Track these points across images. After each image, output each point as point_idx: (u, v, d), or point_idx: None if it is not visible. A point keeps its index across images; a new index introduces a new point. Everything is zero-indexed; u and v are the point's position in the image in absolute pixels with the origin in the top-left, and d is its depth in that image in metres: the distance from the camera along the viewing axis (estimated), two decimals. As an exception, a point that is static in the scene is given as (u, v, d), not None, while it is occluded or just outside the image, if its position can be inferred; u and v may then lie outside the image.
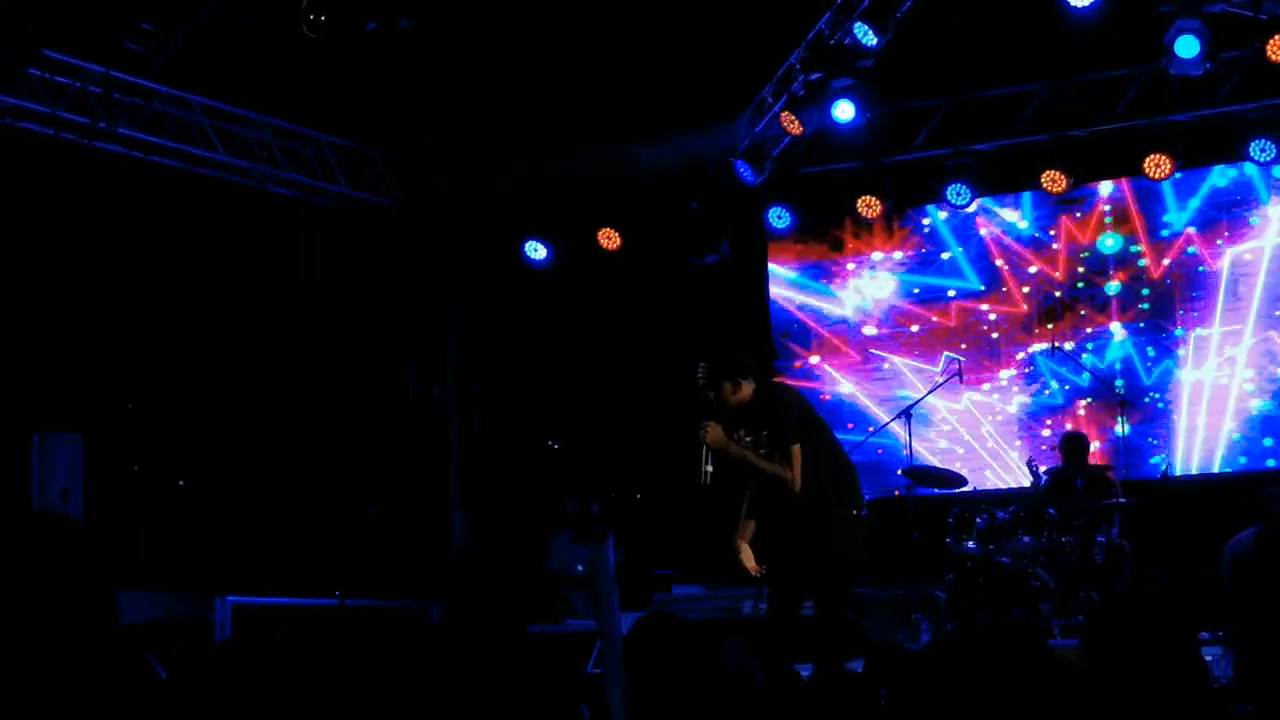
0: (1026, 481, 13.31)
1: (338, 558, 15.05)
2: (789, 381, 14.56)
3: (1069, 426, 14.81)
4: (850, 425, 15.87)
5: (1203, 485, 14.69)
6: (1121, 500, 12.82)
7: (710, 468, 8.66)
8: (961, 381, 15.28)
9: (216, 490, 16.16)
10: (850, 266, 16.50)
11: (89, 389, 14.58)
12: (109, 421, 14.65)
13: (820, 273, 16.59)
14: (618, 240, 15.85)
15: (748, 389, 8.82)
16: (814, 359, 16.56)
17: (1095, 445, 14.46)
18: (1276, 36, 13.05)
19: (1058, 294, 15.68)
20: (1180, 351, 15.16)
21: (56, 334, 14.28)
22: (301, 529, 15.76)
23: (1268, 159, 14.09)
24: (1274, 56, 13.13)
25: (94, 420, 13.97)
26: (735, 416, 8.76)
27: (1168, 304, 15.30)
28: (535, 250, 16.07)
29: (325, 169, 15.50)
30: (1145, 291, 15.37)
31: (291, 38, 12.53)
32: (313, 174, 15.37)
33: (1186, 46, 12.99)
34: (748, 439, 8.78)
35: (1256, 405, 14.84)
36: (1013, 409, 15.75)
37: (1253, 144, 14.03)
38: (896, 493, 14.39)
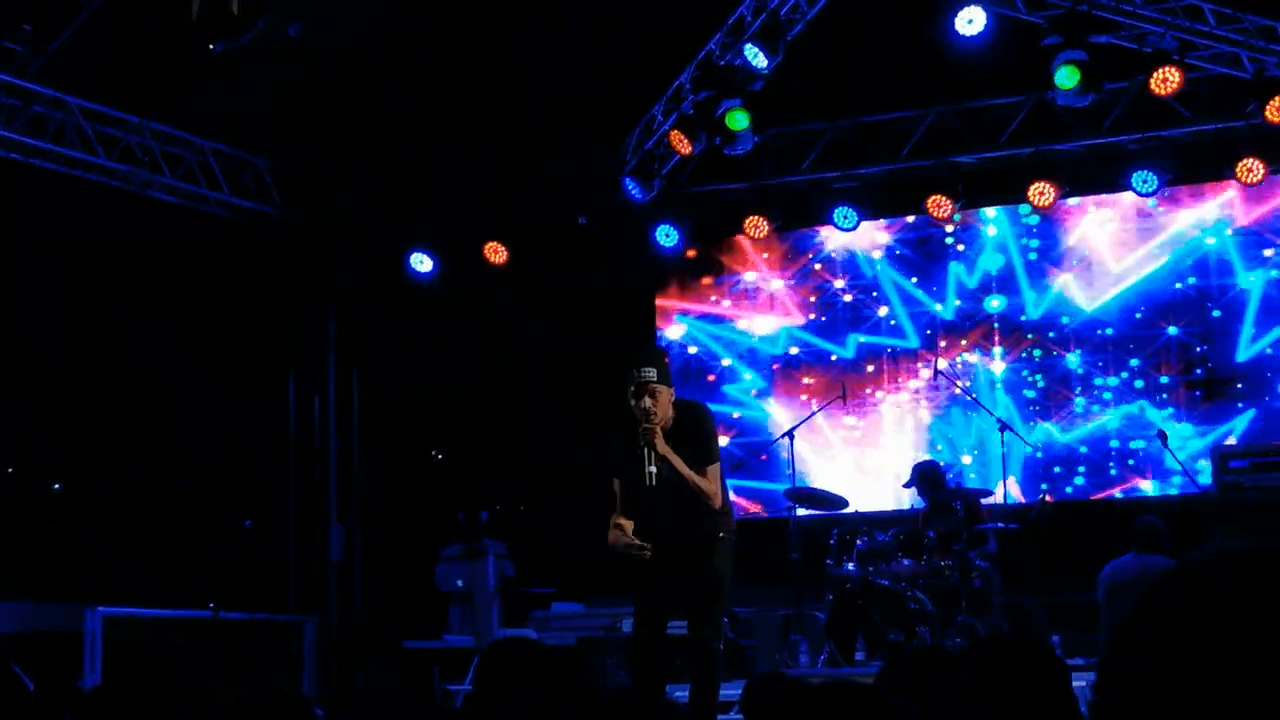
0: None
1: (213, 570, 14.87)
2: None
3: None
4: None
5: (1076, 509, 14.86)
6: (999, 525, 12.90)
7: (654, 469, 8.46)
8: (845, 403, 15.35)
9: (90, 500, 15.93)
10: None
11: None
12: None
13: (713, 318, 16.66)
14: (505, 254, 15.76)
15: (670, 399, 8.67)
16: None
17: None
18: (1159, 69, 13.24)
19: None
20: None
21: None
22: (177, 541, 15.56)
23: (1149, 190, 14.28)
24: (1156, 89, 13.32)
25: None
26: (662, 428, 8.49)
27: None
28: (420, 262, 15.93)
29: (208, 175, 15.30)
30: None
31: (176, 42, 12.34)
32: (195, 180, 15.16)
33: (1066, 76, 13.12)
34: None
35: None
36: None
37: (1135, 174, 14.21)
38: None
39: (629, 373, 8.48)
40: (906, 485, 13.58)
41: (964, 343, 15.67)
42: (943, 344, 15.66)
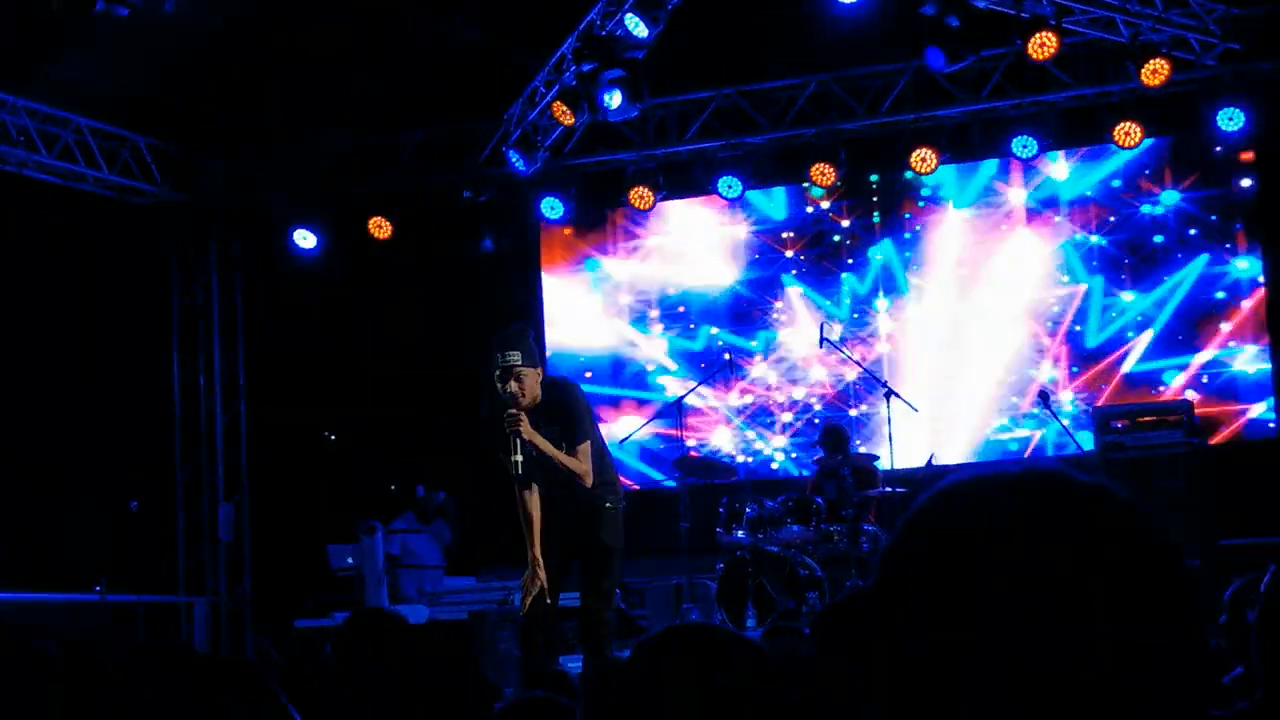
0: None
1: (99, 552, 14.70)
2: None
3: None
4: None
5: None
6: (886, 489, 13.01)
7: (520, 457, 8.45)
8: (733, 373, 15.43)
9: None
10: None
11: None
12: None
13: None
14: (389, 229, 15.66)
15: (538, 380, 8.64)
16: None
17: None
18: (1037, 34, 13.34)
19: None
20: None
21: None
22: (62, 522, 15.36)
23: (1029, 154, 14.43)
24: (1034, 54, 13.42)
25: None
26: (528, 409, 8.49)
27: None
28: (304, 239, 15.80)
29: (87, 155, 15.09)
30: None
31: (53, 19, 12.15)
32: (73, 159, 14.95)
33: (935, 59, 13.27)
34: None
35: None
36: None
37: (1014, 140, 14.34)
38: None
39: (493, 356, 8.45)
40: (813, 444, 13.66)
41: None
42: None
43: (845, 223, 15.98)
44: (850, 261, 15.91)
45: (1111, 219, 15.14)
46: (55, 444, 15.14)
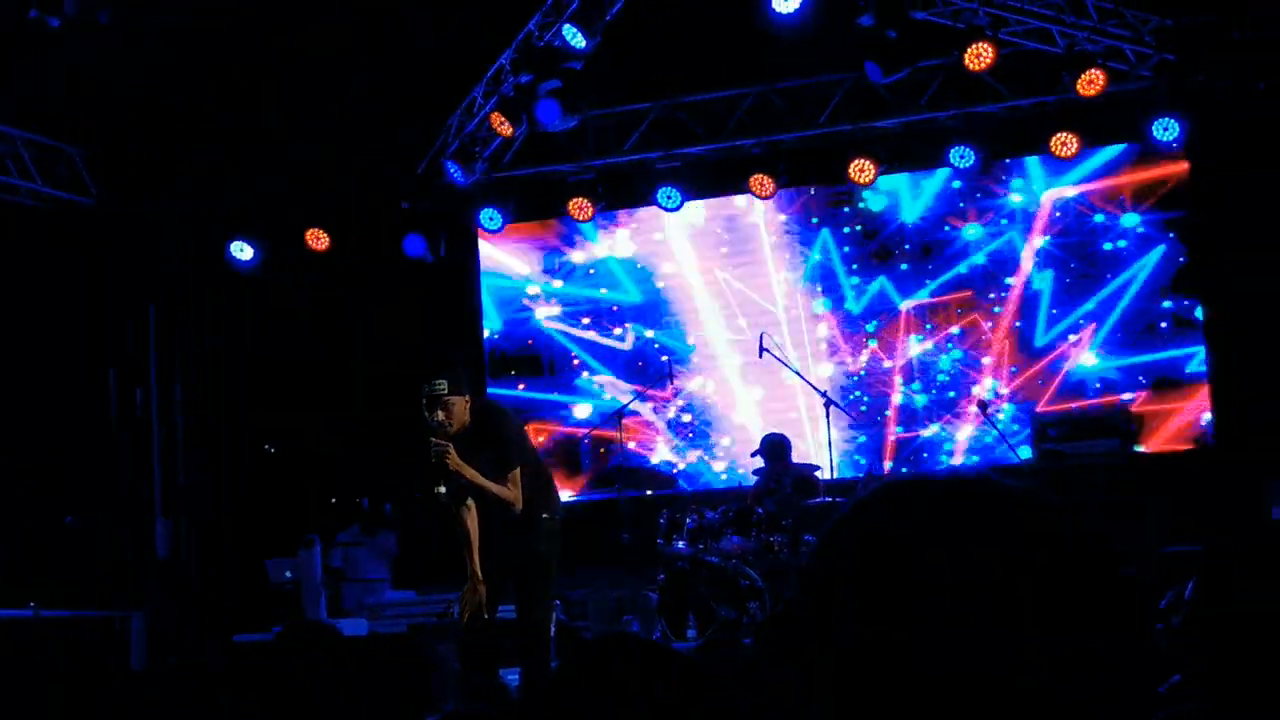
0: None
1: (33, 568, 14.56)
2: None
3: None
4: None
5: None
6: (826, 499, 13.03)
7: (444, 488, 8.50)
8: (672, 383, 15.44)
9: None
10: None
11: None
12: None
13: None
14: (326, 241, 15.58)
15: (466, 406, 8.67)
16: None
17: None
18: (973, 45, 13.41)
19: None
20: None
21: None
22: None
23: (966, 164, 14.50)
24: (971, 65, 13.50)
25: None
26: (458, 435, 8.57)
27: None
28: (241, 250, 15.69)
29: (19, 165, 14.95)
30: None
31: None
32: (5, 170, 14.80)
33: (874, 71, 13.29)
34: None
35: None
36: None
37: (952, 150, 14.41)
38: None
39: (422, 386, 8.50)
40: (753, 455, 13.65)
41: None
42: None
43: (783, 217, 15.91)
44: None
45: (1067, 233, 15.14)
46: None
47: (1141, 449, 13.60)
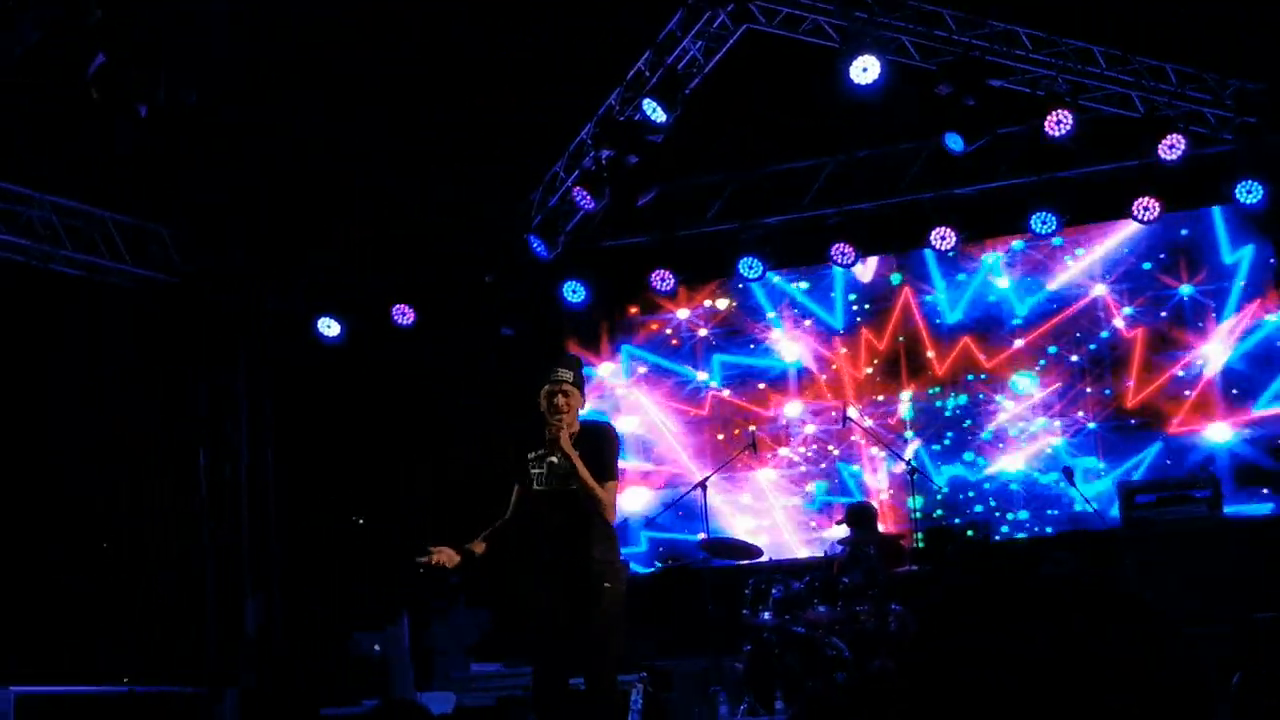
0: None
1: (127, 644, 14.71)
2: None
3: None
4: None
5: (984, 550, 14.95)
6: (913, 568, 12.96)
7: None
8: (755, 452, 15.41)
9: (1, 577, 15.72)
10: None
11: None
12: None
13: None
14: (412, 315, 15.72)
15: (580, 408, 8.67)
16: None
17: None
18: (1052, 112, 13.40)
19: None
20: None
21: None
22: (90, 614, 15.37)
23: (1048, 230, 14.47)
24: (1051, 131, 13.47)
25: None
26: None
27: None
28: (328, 327, 15.85)
29: (110, 246, 15.18)
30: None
31: (72, 115, 12.27)
32: (97, 251, 15.04)
33: (954, 141, 13.34)
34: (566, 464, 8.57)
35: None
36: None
37: (1034, 216, 14.38)
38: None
39: (546, 375, 8.51)
40: (838, 523, 13.61)
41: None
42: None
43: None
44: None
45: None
46: (87, 534, 15.17)
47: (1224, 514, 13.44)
